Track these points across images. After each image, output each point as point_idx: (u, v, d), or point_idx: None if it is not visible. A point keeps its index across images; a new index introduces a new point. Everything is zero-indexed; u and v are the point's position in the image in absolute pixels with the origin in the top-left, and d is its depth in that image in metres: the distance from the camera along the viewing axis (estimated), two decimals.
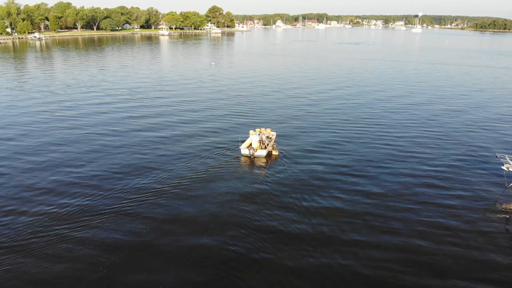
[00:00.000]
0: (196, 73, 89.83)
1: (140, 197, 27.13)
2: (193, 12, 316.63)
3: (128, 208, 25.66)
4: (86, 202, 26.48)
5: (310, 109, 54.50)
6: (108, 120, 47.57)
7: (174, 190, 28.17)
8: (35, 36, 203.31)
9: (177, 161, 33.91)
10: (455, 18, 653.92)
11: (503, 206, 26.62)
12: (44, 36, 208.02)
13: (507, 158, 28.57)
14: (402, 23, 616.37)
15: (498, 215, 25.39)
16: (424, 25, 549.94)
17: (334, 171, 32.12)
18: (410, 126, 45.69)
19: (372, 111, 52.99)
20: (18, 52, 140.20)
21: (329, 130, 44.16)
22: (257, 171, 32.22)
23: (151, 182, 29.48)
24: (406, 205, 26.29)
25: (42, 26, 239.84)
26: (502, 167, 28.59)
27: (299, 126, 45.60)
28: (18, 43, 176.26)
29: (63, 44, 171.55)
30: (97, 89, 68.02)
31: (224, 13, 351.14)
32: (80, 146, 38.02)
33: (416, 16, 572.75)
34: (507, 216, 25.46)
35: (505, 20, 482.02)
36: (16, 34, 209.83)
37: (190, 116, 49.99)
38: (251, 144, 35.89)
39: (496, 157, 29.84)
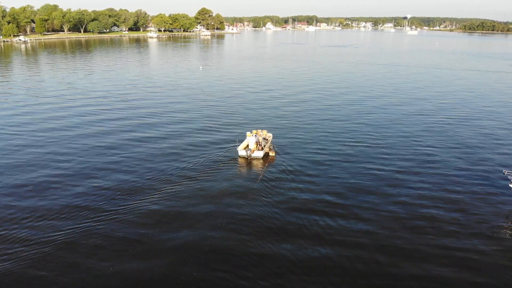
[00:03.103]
0: (183, 75, 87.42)
1: (135, 201, 25.71)
2: (182, 14, 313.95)
3: (120, 213, 24.21)
4: (78, 205, 24.96)
5: (303, 110, 53.12)
6: (96, 124, 45.51)
7: (171, 192, 27.13)
8: (20, 39, 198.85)
9: (174, 163, 32.85)
10: (444, 20, 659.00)
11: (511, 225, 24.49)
12: (30, 39, 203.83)
13: None
14: (391, 25, 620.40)
15: (507, 235, 23.25)
16: (413, 27, 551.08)
17: (331, 173, 31.25)
18: (409, 138, 41.00)
19: (369, 115, 50.59)
20: (1, 55, 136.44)
21: (324, 131, 43.20)
22: (254, 172, 31.38)
23: (146, 185, 28.34)
24: (408, 225, 23.85)
25: (28, 29, 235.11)
26: (510, 184, 26.57)
27: (295, 128, 44.31)
28: (2, 46, 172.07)
29: (49, 47, 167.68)
30: (81, 93, 65.80)
31: (213, 15, 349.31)
32: (70, 149, 36.04)
33: (405, 18, 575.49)
34: None
35: (493, 21, 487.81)
36: (1, 37, 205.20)
37: (183, 118, 48.20)
38: (248, 146, 35.20)
39: (504, 174, 27.36)
